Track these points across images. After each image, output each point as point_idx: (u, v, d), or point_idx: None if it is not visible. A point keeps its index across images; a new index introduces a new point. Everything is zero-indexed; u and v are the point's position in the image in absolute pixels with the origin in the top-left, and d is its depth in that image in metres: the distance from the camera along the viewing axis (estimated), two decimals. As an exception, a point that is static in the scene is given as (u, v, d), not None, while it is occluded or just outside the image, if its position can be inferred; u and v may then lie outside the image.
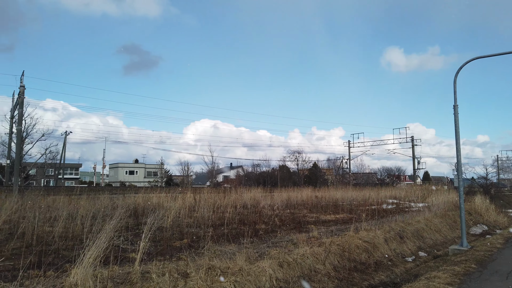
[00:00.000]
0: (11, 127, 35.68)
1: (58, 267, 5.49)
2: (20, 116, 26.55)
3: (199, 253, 6.55)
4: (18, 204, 11.55)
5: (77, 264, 4.06)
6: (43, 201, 12.78)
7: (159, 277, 4.29)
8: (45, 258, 6.02)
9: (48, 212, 10.38)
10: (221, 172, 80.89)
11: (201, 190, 20.91)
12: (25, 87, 26.41)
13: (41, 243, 7.47)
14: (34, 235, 7.88)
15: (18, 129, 26.77)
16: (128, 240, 7.88)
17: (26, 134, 41.11)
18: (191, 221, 10.82)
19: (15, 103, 29.71)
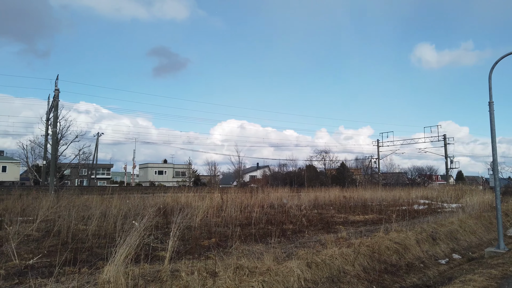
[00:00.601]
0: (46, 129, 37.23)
1: (92, 264, 5.68)
2: (55, 119, 27.65)
3: (227, 252, 6.60)
4: (54, 203, 12.02)
5: (110, 261, 4.17)
6: (77, 201, 13.24)
7: (188, 275, 4.35)
8: (80, 255, 6.23)
9: (82, 211, 10.73)
10: (247, 172, 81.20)
11: (228, 190, 21.06)
12: (59, 91, 27.46)
13: (75, 240, 7.75)
14: (69, 233, 8.17)
15: (53, 131, 27.88)
16: (158, 239, 8.04)
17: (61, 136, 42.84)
18: (218, 221, 10.92)
19: (50, 106, 30.96)
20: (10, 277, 4.96)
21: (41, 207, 11.05)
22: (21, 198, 13.39)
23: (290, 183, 47.49)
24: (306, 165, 66.39)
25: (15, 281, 4.67)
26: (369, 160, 64.28)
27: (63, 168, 51.84)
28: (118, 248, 4.39)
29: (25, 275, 5.11)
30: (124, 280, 3.79)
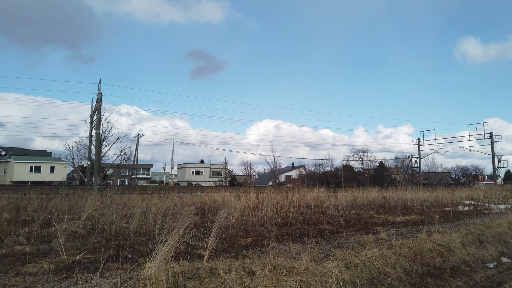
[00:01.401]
0: (90, 131, 39.01)
1: (134, 261, 5.87)
2: (98, 121, 28.91)
3: (264, 252, 6.60)
4: (98, 202, 12.56)
5: (151, 258, 4.29)
6: (119, 200, 13.76)
7: (226, 273, 4.39)
8: (122, 252, 6.46)
9: (124, 210, 11.13)
10: (283, 172, 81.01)
11: (264, 190, 21.08)
12: (102, 94, 28.69)
13: (118, 238, 8.05)
14: (112, 230, 8.50)
15: (97, 133, 29.17)
16: (195, 237, 8.18)
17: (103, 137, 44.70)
18: (255, 220, 10.96)
19: (94, 109, 32.40)
20: (59, 271, 5.23)
21: (86, 205, 11.59)
22: (68, 197, 14.09)
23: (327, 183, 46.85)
24: (342, 165, 65.29)
25: (64, 275, 4.92)
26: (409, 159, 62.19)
27: (106, 169, 54.09)
28: (160, 246, 4.51)
29: (72, 269, 5.37)
30: (164, 277, 3.88)
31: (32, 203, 12.10)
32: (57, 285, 4.08)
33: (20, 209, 10.94)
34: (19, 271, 5.16)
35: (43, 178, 54.76)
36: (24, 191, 18.92)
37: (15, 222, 8.75)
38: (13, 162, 55.19)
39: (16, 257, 6.20)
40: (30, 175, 55.29)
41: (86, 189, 23.71)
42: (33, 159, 59.01)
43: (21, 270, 5.25)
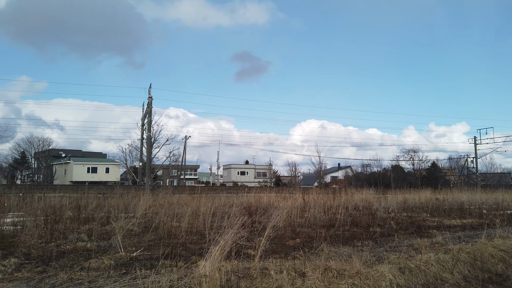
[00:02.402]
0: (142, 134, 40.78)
1: (187, 259, 6.07)
2: (149, 124, 30.16)
3: (313, 253, 6.55)
4: (150, 201, 13.12)
5: (206, 257, 4.42)
6: (169, 199, 14.27)
7: (277, 274, 4.41)
8: (175, 250, 6.69)
9: (175, 209, 11.52)
10: (328, 173, 79.74)
11: (309, 191, 20.87)
12: (152, 98, 29.88)
13: (170, 236, 8.37)
14: (165, 229, 8.85)
15: (148, 135, 30.43)
16: (244, 237, 8.28)
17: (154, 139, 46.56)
18: (302, 221, 10.90)
19: (145, 112, 33.81)
20: (119, 267, 5.54)
21: (139, 205, 12.15)
22: (122, 197, 14.84)
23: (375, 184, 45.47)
24: (392, 165, 63.03)
25: (123, 271, 5.20)
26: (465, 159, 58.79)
27: (156, 169, 56.28)
28: (212, 245, 4.63)
29: (130, 266, 5.66)
30: (218, 275, 3.99)
31: (91, 202, 12.88)
32: (118, 280, 4.33)
33: (80, 207, 11.68)
34: (83, 266, 5.53)
35: (99, 178, 58.07)
36: (83, 190, 20.21)
37: (77, 220, 9.36)
38: (72, 164, 59.02)
39: (79, 252, 6.64)
40: (87, 176, 58.81)
41: (139, 189, 24.83)
42: (90, 160, 62.78)
43: (85, 265, 5.61)
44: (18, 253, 6.39)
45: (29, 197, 15.18)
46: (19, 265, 5.65)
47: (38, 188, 25.51)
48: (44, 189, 24.75)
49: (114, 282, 4.27)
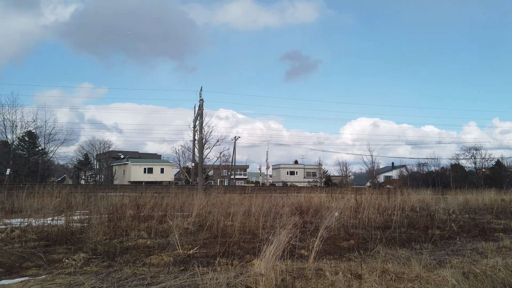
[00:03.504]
0: (194, 135, 42.08)
1: (241, 257, 6.19)
2: (200, 126, 31.02)
3: (369, 255, 6.39)
4: (204, 201, 13.50)
5: (260, 256, 4.49)
6: (222, 199, 14.60)
7: (333, 275, 4.37)
8: (229, 248, 6.84)
9: (227, 208, 11.77)
10: (381, 172, 77.11)
11: (362, 191, 20.32)
12: (203, 100, 30.70)
13: (224, 235, 8.56)
14: (218, 228, 9.07)
15: (200, 136, 31.32)
16: (296, 237, 8.26)
17: (205, 140, 47.83)
18: (355, 222, 10.65)
19: (196, 114, 34.86)
20: (177, 264, 5.78)
21: (193, 204, 12.55)
22: (177, 196, 15.40)
23: (432, 184, 43.22)
24: (451, 164, 59.65)
25: (181, 268, 5.42)
26: (534, 157, 54.03)
27: (207, 170, 57.77)
28: (266, 245, 4.68)
29: (188, 263, 5.88)
30: (273, 275, 4.03)
31: (148, 201, 13.52)
32: (178, 277, 4.52)
33: (139, 206, 12.30)
34: (144, 262, 5.84)
35: (155, 178, 60.77)
36: (140, 190, 21.27)
37: (137, 218, 9.88)
38: (130, 165, 62.32)
39: (140, 249, 7.01)
40: (144, 176, 61.76)
41: (192, 188, 25.64)
42: (146, 161, 65.90)
43: (146, 261, 5.92)
44: (86, 248, 6.88)
45: (93, 196, 16.27)
46: (88, 259, 6.09)
47: (100, 188, 27.24)
48: (106, 188, 26.36)
49: (175, 278, 4.47)
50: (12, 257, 6.16)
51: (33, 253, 6.37)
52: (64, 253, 6.48)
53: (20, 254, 6.37)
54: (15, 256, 6.23)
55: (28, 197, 14.31)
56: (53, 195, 14.68)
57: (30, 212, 11.40)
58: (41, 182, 28.18)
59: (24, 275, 5.04)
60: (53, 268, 5.44)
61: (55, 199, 13.96)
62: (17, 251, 6.53)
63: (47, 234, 8.10)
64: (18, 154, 47.37)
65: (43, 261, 5.87)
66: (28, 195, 14.54)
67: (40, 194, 14.85)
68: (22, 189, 16.29)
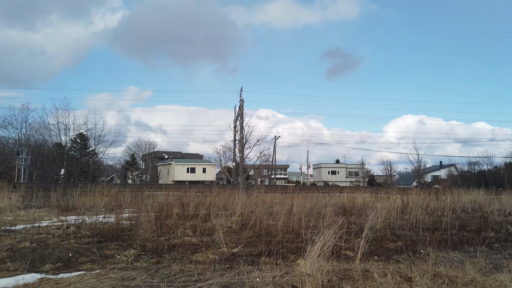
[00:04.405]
0: (234, 135, 42.59)
1: (284, 257, 6.18)
2: (241, 126, 31.33)
3: (418, 258, 6.15)
4: (246, 200, 13.62)
5: (305, 256, 4.46)
6: (263, 198, 14.66)
7: (381, 277, 4.24)
8: (273, 247, 6.85)
9: (269, 208, 11.80)
10: (429, 172, 73.95)
11: (408, 191, 19.62)
12: (243, 101, 30.96)
13: (267, 234, 8.59)
14: (261, 227, 9.12)
15: (241, 136, 31.66)
16: (341, 238, 8.13)
17: (245, 140, 48.29)
18: (402, 223, 10.30)
19: (237, 115, 35.24)
20: (222, 261, 5.87)
21: (235, 203, 12.70)
22: (219, 195, 15.66)
23: (485, 184, 40.80)
24: (505, 162, 55.97)
25: (227, 266, 5.51)
26: None
27: (248, 169, 58.28)
28: (310, 245, 4.64)
29: (232, 261, 5.96)
30: (319, 275, 3.99)
31: (192, 200, 13.86)
32: (224, 274, 4.60)
33: (183, 205, 12.64)
34: (191, 259, 5.99)
35: (197, 178, 62.17)
36: (184, 189, 21.85)
37: (182, 217, 10.15)
38: (174, 164, 64.20)
39: (186, 246, 7.20)
40: (187, 176, 63.37)
41: (233, 188, 25.95)
42: (189, 161, 67.60)
43: (192, 258, 6.08)
44: (136, 245, 7.17)
45: (140, 195, 16.94)
46: (137, 255, 6.35)
47: (146, 187, 28.31)
48: (152, 188, 27.34)
49: (221, 276, 4.55)
50: (69, 252, 6.55)
51: (87, 249, 6.73)
52: (116, 249, 6.79)
53: (76, 249, 6.76)
54: (72, 251, 6.62)
55: (81, 195, 15.15)
56: (103, 194, 15.47)
57: (84, 210, 12.07)
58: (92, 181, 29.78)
59: (80, 269, 5.34)
60: (106, 263, 5.72)
61: (105, 198, 14.70)
62: (73, 247, 6.94)
63: (99, 231, 8.53)
64: (71, 155, 50.36)
65: (97, 256, 6.20)
66: (80, 194, 15.41)
67: (92, 193, 15.69)
68: (75, 188, 17.30)
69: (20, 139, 45.21)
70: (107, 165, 64.89)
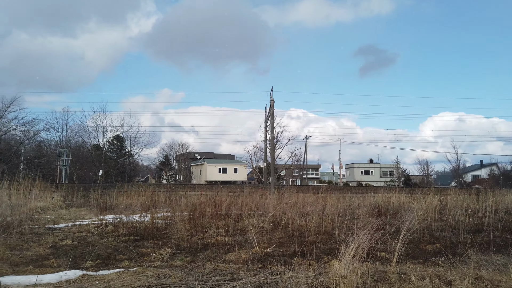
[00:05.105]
0: (265, 135, 42.63)
1: (317, 258, 6.11)
2: (272, 126, 31.33)
3: (458, 261, 5.91)
4: (277, 200, 13.60)
5: (339, 257, 4.39)
6: (295, 198, 14.57)
7: (418, 280, 4.11)
8: (305, 248, 6.80)
9: (301, 208, 11.72)
10: (468, 171, 70.86)
11: (446, 191, 18.89)
12: (274, 101, 30.96)
13: (299, 235, 8.54)
14: (293, 227, 9.07)
15: (272, 136, 31.65)
16: (376, 239, 7.94)
17: (276, 140, 48.22)
18: (441, 225, 9.93)
19: (267, 115, 35.26)
20: (255, 261, 5.90)
21: (267, 203, 12.71)
22: (250, 195, 15.73)
23: (530, 183, 38.58)
24: (553, 161, 52.66)
25: (259, 265, 5.53)
26: None
27: (279, 169, 58.17)
28: (343, 246, 4.57)
29: (265, 261, 5.97)
30: (354, 277, 3.92)
31: (224, 200, 14.00)
32: (257, 274, 4.61)
33: (216, 205, 12.80)
34: (224, 258, 6.06)
35: (229, 178, 62.77)
36: (216, 189, 22.12)
37: (215, 216, 10.28)
38: (206, 165, 65.17)
39: (219, 246, 7.29)
40: (219, 176, 64.13)
41: (265, 188, 25.99)
42: (220, 161, 68.39)
43: (225, 257, 6.14)
44: (170, 244, 7.34)
45: (173, 195, 17.31)
46: (172, 254, 6.49)
47: (179, 187, 28.88)
48: (185, 188, 27.86)
49: (254, 275, 4.57)
50: (108, 250, 6.80)
51: (125, 247, 6.96)
52: (152, 248, 6.98)
53: (114, 247, 7.01)
54: (110, 249, 6.86)
55: (118, 195, 15.67)
56: (139, 194, 15.93)
57: (121, 209, 12.47)
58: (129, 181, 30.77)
59: (119, 267, 5.53)
60: (143, 261, 5.89)
61: (141, 198, 15.12)
62: (111, 245, 7.20)
63: (136, 230, 8.79)
64: (108, 156, 52.22)
65: (134, 254, 6.39)
66: (118, 193, 15.94)
67: (128, 193, 16.19)
68: (113, 188, 17.93)
69: (61, 141, 47.40)
70: (142, 165, 66.84)
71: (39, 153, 43.64)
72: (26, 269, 5.35)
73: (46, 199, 14.46)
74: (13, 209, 9.76)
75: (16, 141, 40.82)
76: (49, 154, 44.42)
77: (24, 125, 40.11)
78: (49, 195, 15.30)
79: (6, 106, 37.47)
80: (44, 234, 8.23)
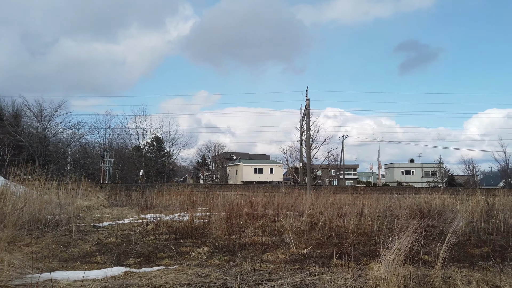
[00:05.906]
0: (301, 135, 42.33)
1: (356, 260, 5.99)
2: (307, 126, 31.10)
3: (507, 265, 5.59)
4: (314, 200, 13.47)
5: (379, 260, 4.29)
6: (332, 199, 14.36)
7: (464, 285, 3.93)
8: (343, 250, 6.69)
9: (339, 209, 11.54)
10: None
11: (493, 192, 17.92)
12: (309, 100, 30.72)
13: (337, 236, 8.41)
14: (331, 228, 8.95)
15: (308, 136, 31.44)
16: (419, 242, 7.68)
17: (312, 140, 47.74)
18: (488, 227, 9.43)
19: (303, 114, 35.00)
20: (292, 262, 5.88)
21: (303, 204, 12.62)
22: (286, 195, 15.69)
23: None
24: None
25: (297, 266, 5.50)
26: None
27: (315, 169, 57.54)
28: (384, 248, 4.46)
29: (302, 262, 5.94)
30: (395, 280, 3.81)
31: (260, 200, 14.05)
32: (295, 275, 4.60)
33: (252, 205, 12.87)
34: (262, 258, 6.08)
35: (265, 178, 62.92)
36: (252, 189, 22.26)
37: (252, 216, 10.34)
38: (242, 165, 65.73)
39: (256, 245, 7.32)
40: (254, 176, 64.45)
41: (301, 188, 25.83)
42: (256, 162, 68.72)
43: (263, 257, 6.16)
44: (208, 243, 7.47)
45: (211, 195, 17.60)
46: (210, 253, 6.60)
47: (216, 187, 29.34)
48: (222, 188, 28.28)
49: (292, 276, 4.55)
50: (149, 248, 7.03)
51: (165, 245, 7.17)
52: (190, 246, 7.14)
53: (155, 245, 7.23)
54: (151, 247, 7.09)
55: (158, 195, 16.16)
56: (177, 194, 16.33)
57: (161, 209, 12.85)
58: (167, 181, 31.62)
59: (160, 264, 5.70)
60: (182, 260, 6.04)
61: (179, 197, 15.50)
62: (152, 243, 7.43)
63: (175, 229, 9.02)
64: (148, 157, 53.99)
65: (174, 252, 6.57)
66: (157, 193, 16.44)
67: (167, 192, 16.65)
68: (153, 188, 18.50)
69: (105, 143, 49.53)
70: (180, 166, 68.52)
71: (84, 155, 45.88)
72: (74, 265, 5.64)
73: (91, 198, 15.16)
74: (62, 208, 10.33)
75: (63, 143, 43.11)
76: (93, 155, 46.56)
77: (71, 128, 42.35)
78: (94, 194, 16.03)
79: (54, 110, 39.65)
80: (90, 232, 8.64)
